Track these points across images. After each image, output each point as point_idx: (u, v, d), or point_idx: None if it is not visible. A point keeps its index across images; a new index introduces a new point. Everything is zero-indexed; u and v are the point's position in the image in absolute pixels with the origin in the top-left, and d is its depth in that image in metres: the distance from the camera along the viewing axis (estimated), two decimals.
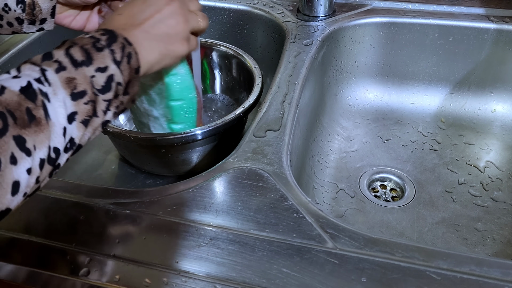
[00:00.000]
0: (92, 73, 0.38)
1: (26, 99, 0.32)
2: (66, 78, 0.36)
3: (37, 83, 0.34)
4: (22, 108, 0.32)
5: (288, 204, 0.44)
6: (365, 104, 0.83)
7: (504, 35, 0.73)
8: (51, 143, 0.34)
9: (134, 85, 0.42)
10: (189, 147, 0.61)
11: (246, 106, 0.61)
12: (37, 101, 0.33)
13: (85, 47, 0.38)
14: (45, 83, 0.34)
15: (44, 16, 0.52)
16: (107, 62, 0.39)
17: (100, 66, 0.38)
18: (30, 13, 0.50)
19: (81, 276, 0.39)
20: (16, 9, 0.50)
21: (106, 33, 0.40)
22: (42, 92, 0.34)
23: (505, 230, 0.62)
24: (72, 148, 0.36)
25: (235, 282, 0.38)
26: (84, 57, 0.38)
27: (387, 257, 0.39)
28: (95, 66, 0.38)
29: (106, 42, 0.40)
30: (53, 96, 0.34)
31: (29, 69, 0.35)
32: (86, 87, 0.37)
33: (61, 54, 0.37)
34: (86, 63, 0.37)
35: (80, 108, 0.36)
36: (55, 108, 0.34)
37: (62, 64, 0.36)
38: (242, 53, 0.73)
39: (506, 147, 0.75)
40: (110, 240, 0.42)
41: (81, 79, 0.37)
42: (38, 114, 0.33)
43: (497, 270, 0.37)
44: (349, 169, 0.72)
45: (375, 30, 0.78)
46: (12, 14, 0.50)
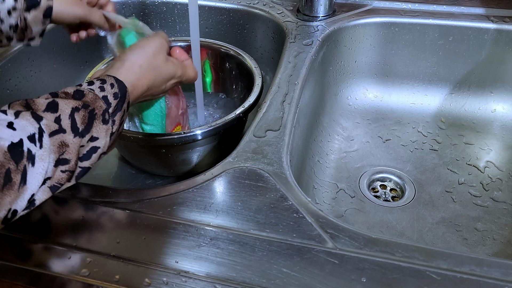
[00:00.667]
0: (84, 143, 0.37)
1: (11, 159, 0.31)
2: (60, 142, 0.35)
3: (29, 142, 0.33)
4: (2, 170, 0.31)
5: (288, 204, 0.44)
6: (365, 104, 0.83)
7: (504, 35, 0.73)
8: (13, 206, 0.33)
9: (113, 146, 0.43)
10: (189, 147, 0.61)
11: (246, 106, 0.61)
12: (20, 164, 0.32)
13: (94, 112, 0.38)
14: (38, 143, 0.33)
15: (33, 36, 0.52)
16: (101, 135, 0.39)
17: (93, 136, 0.38)
18: (21, 33, 0.50)
19: (81, 276, 0.39)
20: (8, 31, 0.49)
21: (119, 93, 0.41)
22: (30, 155, 0.33)
23: (505, 230, 0.62)
24: (29, 209, 0.35)
25: (235, 282, 0.38)
26: (84, 126, 0.37)
27: (387, 257, 0.39)
28: (90, 135, 0.38)
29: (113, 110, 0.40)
30: (39, 161, 0.33)
31: (27, 120, 0.34)
32: (72, 157, 0.36)
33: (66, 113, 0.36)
34: (84, 133, 0.37)
35: (56, 174, 0.35)
36: (35, 174, 0.33)
37: (62, 126, 0.35)
38: (242, 53, 0.73)
39: (506, 147, 0.75)
40: (110, 240, 0.42)
41: (72, 149, 0.36)
42: (14, 178, 0.32)
43: (497, 270, 0.37)
44: (349, 169, 0.72)
45: (375, 30, 0.78)
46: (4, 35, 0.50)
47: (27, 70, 0.73)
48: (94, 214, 0.44)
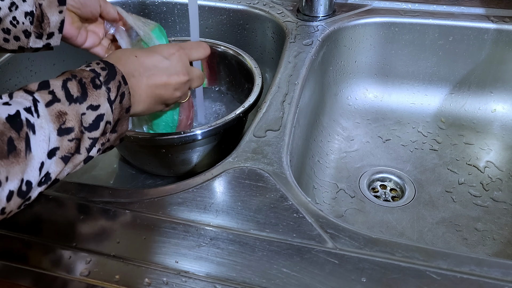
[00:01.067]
0: (83, 110, 0.37)
1: (11, 128, 0.32)
2: (58, 111, 0.36)
3: (26, 112, 0.33)
4: (4, 137, 0.31)
5: (288, 204, 0.44)
6: (365, 104, 0.83)
7: (504, 35, 0.73)
8: (24, 176, 0.33)
9: (123, 123, 0.43)
10: (189, 147, 0.61)
11: (246, 106, 0.61)
12: (21, 132, 0.32)
13: (83, 81, 0.38)
14: (35, 114, 0.34)
15: (52, 30, 0.51)
16: (100, 101, 0.39)
17: (93, 104, 0.38)
18: (38, 25, 0.50)
19: (81, 276, 0.39)
20: (24, 21, 0.49)
21: (107, 67, 0.41)
22: (29, 123, 0.33)
23: (505, 230, 0.62)
24: (47, 183, 0.36)
25: (235, 282, 0.38)
26: (79, 93, 0.37)
27: (387, 257, 0.39)
28: (88, 103, 0.38)
29: (104, 79, 0.40)
30: (39, 129, 0.34)
31: (21, 97, 0.34)
32: (75, 124, 0.36)
33: (58, 86, 0.37)
34: (80, 100, 0.37)
35: (64, 144, 0.36)
36: (38, 141, 0.34)
37: (56, 96, 0.36)
38: (242, 53, 0.73)
39: (506, 147, 0.75)
40: (110, 240, 0.42)
41: (71, 115, 0.36)
42: (19, 146, 0.32)
43: (497, 270, 0.37)
44: (349, 169, 0.72)
45: (375, 30, 0.78)
46: (20, 27, 0.49)
47: (27, 70, 0.73)
48: (94, 214, 0.44)
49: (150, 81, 0.45)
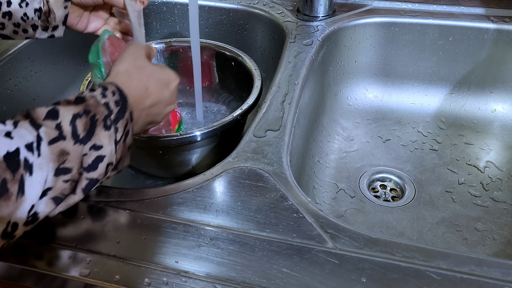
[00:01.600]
0: (86, 150, 0.36)
1: (7, 168, 0.30)
2: (61, 150, 0.34)
3: (26, 150, 0.32)
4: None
5: (288, 204, 0.44)
6: (365, 104, 0.83)
7: (504, 35, 0.73)
8: (12, 218, 0.31)
9: (125, 160, 0.43)
10: (186, 149, 0.61)
11: (244, 108, 0.60)
12: (17, 173, 0.31)
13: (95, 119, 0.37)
14: (35, 152, 0.32)
15: (57, 24, 0.54)
16: (104, 142, 0.37)
17: (96, 144, 0.37)
18: (45, 20, 0.53)
19: (81, 276, 0.39)
20: (33, 17, 0.52)
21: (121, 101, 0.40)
22: (27, 164, 0.31)
23: (505, 230, 0.62)
24: (33, 223, 0.34)
25: (235, 282, 0.38)
26: (86, 131, 0.36)
27: (387, 257, 0.39)
28: (92, 143, 0.36)
29: (115, 116, 0.39)
30: (37, 169, 0.32)
31: (26, 129, 0.33)
32: (74, 165, 0.35)
33: (67, 120, 0.35)
34: (85, 140, 0.36)
35: (58, 184, 0.34)
36: (34, 184, 0.32)
37: (62, 133, 0.34)
38: (242, 54, 0.73)
39: (506, 147, 0.75)
40: (110, 240, 0.42)
41: (73, 156, 0.35)
42: (11, 188, 0.30)
43: (497, 270, 0.37)
44: (349, 169, 0.72)
45: (375, 30, 0.78)
46: (29, 22, 0.52)
47: (27, 70, 0.73)
48: (94, 214, 0.44)
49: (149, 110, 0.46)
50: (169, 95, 0.48)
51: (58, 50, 0.79)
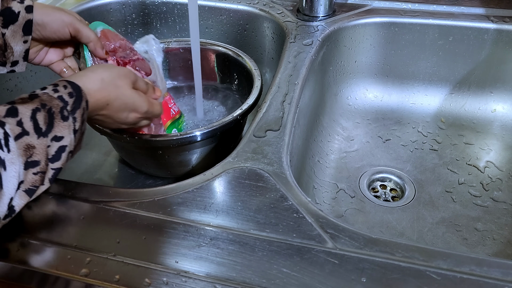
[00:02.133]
0: (49, 142, 0.37)
1: None
2: (26, 145, 0.35)
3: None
4: None
5: (288, 204, 0.44)
6: (365, 104, 0.83)
7: (504, 35, 0.73)
8: None
9: (79, 146, 0.43)
10: (186, 149, 0.61)
11: (244, 108, 0.60)
12: None
13: (52, 111, 0.38)
14: (5, 148, 0.33)
15: (16, 59, 0.50)
16: (65, 132, 0.38)
17: (57, 135, 0.38)
18: (1, 54, 0.48)
19: (81, 276, 0.39)
20: None
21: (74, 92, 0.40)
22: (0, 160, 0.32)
23: (505, 230, 0.62)
24: (10, 216, 0.35)
25: (235, 282, 0.38)
26: (46, 125, 0.37)
27: (387, 257, 0.39)
28: (53, 134, 0.38)
29: (71, 107, 0.39)
30: (10, 164, 0.33)
31: None
32: (41, 158, 0.36)
33: (27, 116, 0.36)
34: (47, 132, 0.37)
35: (28, 177, 0.35)
36: (9, 178, 0.33)
37: (25, 128, 0.35)
38: (242, 54, 0.73)
39: (506, 147, 0.75)
40: (110, 240, 0.42)
41: (39, 149, 0.36)
42: None
43: (497, 270, 0.37)
44: (349, 169, 0.72)
45: (375, 30, 0.78)
46: None
47: (27, 70, 0.73)
48: (94, 214, 0.44)
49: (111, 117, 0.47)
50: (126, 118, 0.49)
51: None
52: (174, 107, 0.65)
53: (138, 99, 0.49)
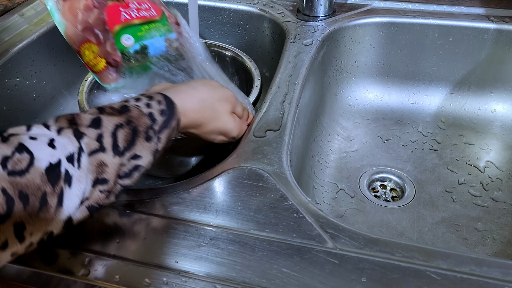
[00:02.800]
0: (124, 161, 0.36)
1: (48, 182, 0.30)
2: (100, 162, 0.34)
3: (67, 162, 0.32)
4: (39, 193, 0.30)
5: (288, 204, 0.44)
6: (365, 104, 0.83)
7: (504, 35, 0.73)
8: (49, 228, 0.32)
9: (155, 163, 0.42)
10: (186, 149, 0.61)
11: None
12: (56, 186, 0.31)
13: (137, 130, 0.36)
14: (76, 163, 0.32)
15: None
16: (144, 153, 0.37)
17: (136, 154, 0.36)
18: None
19: (81, 276, 0.39)
20: None
21: (167, 109, 0.39)
22: (67, 176, 0.31)
23: (505, 230, 0.62)
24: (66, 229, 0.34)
25: (235, 282, 0.38)
26: (127, 143, 0.35)
27: (387, 257, 0.39)
28: (132, 153, 0.36)
29: (158, 127, 0.38)
30: (76, 182, 0.32)
31: (68, 138, 0.32)
32: (111, 177, 0.35)
33: (108, 130, 0.35)
34: (124, 152, 0.35)
35: (94, 195, 0.34)
36: (72, 196, 0.32)
37: (103, 145, 0.34)
38: (242, 54, 0.73)
39: (506, 147, 0.75)
40: (110, 240, 0.42)
41: (111, 169, 0.35)
42: (50, 201, 0.31)
43: (497, 270, 0.37)
44: (349, 169, 0.72)
45: (375, 30, 0.78)
46: None
47: (27, 70, 0.73)
48: (94, 214, 0.44)
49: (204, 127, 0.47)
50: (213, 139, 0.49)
51: (58, 50, 0.79)
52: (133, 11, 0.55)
53: (232, 125, 0.49)
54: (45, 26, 0.75)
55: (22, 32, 0.74)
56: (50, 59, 0.78)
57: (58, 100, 0.80)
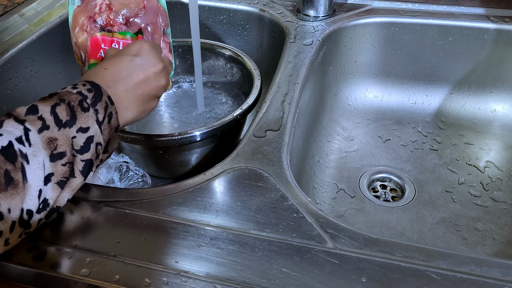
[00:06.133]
0: (73, 133, 0.38)
1: (6, 161, 0.33)
2: (48, 138, 0.36)
3: (18, 143, 0.34)
4: (0, 170, 0.32)
5: (288, 204, 0.44)
6: (365, 104, 0.83)
7: (504, 35, 0.73)
8: (24, 205, 0.34)
9: (114, 143, 0.44)
10: (186, 149, 0.61)
11: (244, 108, 0.60)
12: (16, 162, 0.33)
13: (71, 105, 0.39)
14: (26, 143, 0.34)
15: None
16: (89, 123, 0.39)
17: (82, 126, 0.39)
18: None
19: (81, 276, 0.39)
20: None
21: (93, 88, 0.41)
22: (22, 154, 0.34)
23: (505, 230, 0.62)
24: (45, 209, 0.36)
25: (235, 282, 0.38)
26: (69, 117, 0.38)
27: (387, 257, 0.39)
28: (78, 126, 0.38)
29: (91, 101, 0.40)
30: (32, 157, 0.34)
31: (11, 125, 0.35)
32: (66, 149, 0.37)
33: (47, 111, 0.37)
34: (70, 124, 0.38)
35: (57, 169, 0.36)
36: (33, 170, 0.34)
37: (46, 122, 0.36)
38: (242, 54, 0.73)
39: (506, 147, 0.75)
40: (110, 240, 0.42)
41: (62, 140, 0.37)
42: (16, 177, 0.33)
43: (497, 270, 0.37)
44: (349, 169, 0.72)
45: (375, 30, 0.78)
46: None
47: (27, 70, 0.73)
48: (94, 214, 0.44)
49: (127, 85, 0.44)
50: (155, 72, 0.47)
51: (58, 50, 0.78)
52: None
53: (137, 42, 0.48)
54: (45, 26, 0.75)
55: (22, 32, 0.74)
56: (50, 59, 0.78)
57: None
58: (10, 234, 0.33)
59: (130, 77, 0.45)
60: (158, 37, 0.57)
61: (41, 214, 0.36)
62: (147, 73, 0.46)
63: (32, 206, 0.34)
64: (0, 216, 0.32)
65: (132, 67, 0.46)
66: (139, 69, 0.46)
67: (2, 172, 0.32)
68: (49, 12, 0.79)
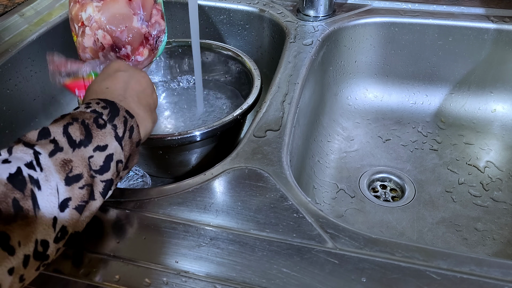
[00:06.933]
0: (90, 153, 0.36)
1: (14, 188, 0.30)
2: (62, 160, 0.33)
3: (27, 168, 0.31)
4: (8, 200, 0.29)
5: (288, 204, 0.44)
6: (365, 104, 0.83)
7: (504, 35, 0.73)
8: (38, 236, 0.31)
9: (134, 158, 0.42)
10: (186, 149, 0.61)
11: (244, 108, 0.60)
12: (25, 190, 0.30)
13: (86, 123, 0.36)
14: (37, 167, 0.32)
15: None
16: (107, 140, 0.37)
17: (100, 145, 0.36)
18: None
19: (81, 276, 0.39)
20: None
21: (108, 105, 0.39)
22: (33, 179, 0.31)
23: (505, 230, 0.62)
24: (64, 237, 0.34)
25: (235, 282, 0.38)
26: (83, 136, 0.35)
27: (387, 257, 0.39)
28: (94, 144, 0.36)
29: (108, 116, 0.38)
30: (44, 182, 0.32)
31: (21, 151, 0.32)
32: (83, 170, 0.34)
33: (59, 132, 0.35)
34: (85, 143, 0.35)
35: (75, 193, 0.34)
36: (45, 196, 0.32)
37: (58, 144, 0.34)
38: (242, 54, 0.73)
39: (506, 147, 0.75)
40: (110, 240, 0.42)
41: (77, 162, 0.34)
42: (25, 205, 0.30)
43: (497, 270, 0.37)
44: (349, 169, 0.72)
45: (375, 30, 0.78)
46: None
47: (27, 70, 0.73)
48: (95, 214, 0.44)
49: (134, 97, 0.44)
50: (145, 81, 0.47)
51: (58, 50, 0.78)
52: None
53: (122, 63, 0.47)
54: (45, 26, 0.75)
55: (22, 32, 0.74)
56: None
57: (58, 100, 0.80)
58: (25, 269, 0.30)
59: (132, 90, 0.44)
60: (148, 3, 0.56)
61: (60, 243, 0.33)
62: (141, 84, 0.46)
63: (47, 236, 0.32)
64: (11, 251, 0.29)
65: (127, 81, 0.45)
66: (133, 82, 0.45)
67: (10, 201, 0.29)
68: (49, 12, 0.79)
